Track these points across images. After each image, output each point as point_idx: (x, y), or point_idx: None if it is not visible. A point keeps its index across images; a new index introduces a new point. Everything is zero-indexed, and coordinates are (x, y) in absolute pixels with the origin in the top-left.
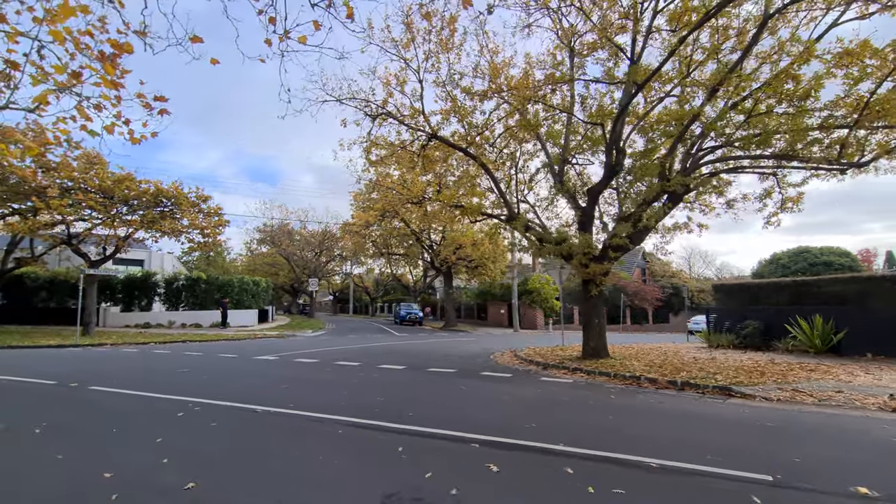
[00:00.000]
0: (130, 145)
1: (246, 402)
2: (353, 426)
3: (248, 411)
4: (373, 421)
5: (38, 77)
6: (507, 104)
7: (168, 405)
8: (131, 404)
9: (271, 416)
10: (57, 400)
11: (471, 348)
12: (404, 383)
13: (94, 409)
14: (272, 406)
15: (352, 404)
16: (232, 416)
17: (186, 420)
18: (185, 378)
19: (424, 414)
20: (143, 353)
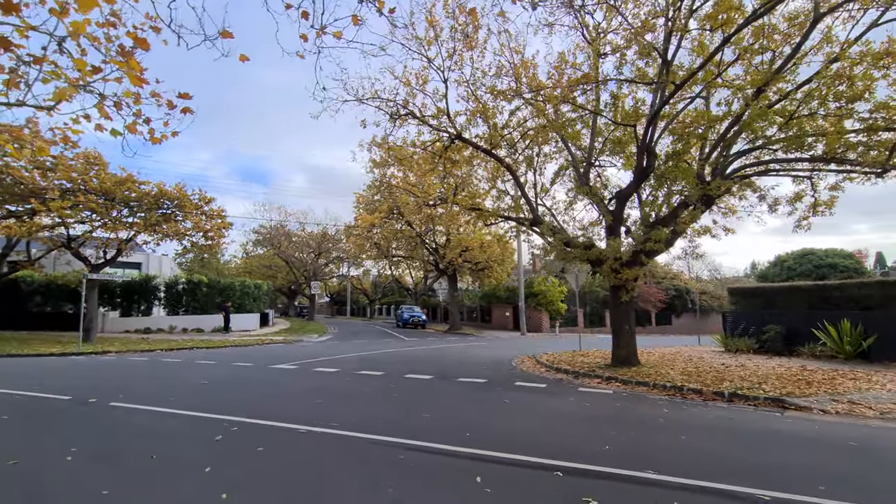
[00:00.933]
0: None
1: (285, 421)
2: (414, 450)
3: (291, 432)
4: (432, 444)
5: (49, 75)
6: (531, 105)
7: (202, 425)
8: (162, 424)
9: (318, 437)
10: (78, 419)
11: (488, 354)
12: (442, 396)
13: (124, 430)
14: (314, 425)
15: (399, 422)
16: (276, 438)
17: (228, 444)
18: (208, 392)
19: (485, 434)
20: (152, 362)
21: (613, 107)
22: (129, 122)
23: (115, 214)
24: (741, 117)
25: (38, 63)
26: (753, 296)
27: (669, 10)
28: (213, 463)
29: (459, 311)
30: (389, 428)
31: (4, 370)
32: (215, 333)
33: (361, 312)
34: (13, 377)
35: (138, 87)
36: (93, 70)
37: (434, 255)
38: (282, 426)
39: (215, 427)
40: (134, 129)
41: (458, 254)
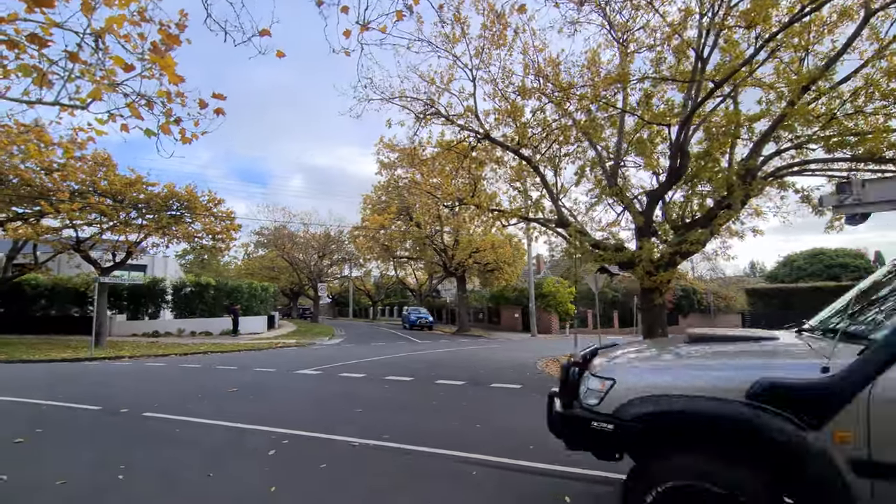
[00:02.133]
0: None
1: (333, 433)
2: (483, 465)
3: (344, 444)
4: (500, 458)
5: (82, 73)
6: (555, 104)
7: (249, 438)
8: (207, 437)
9: (373, 451)
10: (115, 432)
11: (507, 356)
12: (482, 403)
13: (168, 444)
14: (365, 437)
15: (453, 434)
16: (333, 452)
17: (284, 458)
18: (241, 400)
19: (551, 447)
20: (171, 367)
21: (646, 106)
22: (162, 122)
23: (124, 217)
24: (784, 116)
25: (75, 60)
26: (773, 297)
27: (706, 6)
28: (277, 482)
29: (467, 313)
30: (446, 440)
31: (20, 377)
32: (224, 336)
33: (364, 314)
34: (32, 385)
35: (172, 86)
36: (125, 68)
37: (443, 255)
38: (333, 438)
39: (264, 440)
40: (168, 128)
41: (468, 255)
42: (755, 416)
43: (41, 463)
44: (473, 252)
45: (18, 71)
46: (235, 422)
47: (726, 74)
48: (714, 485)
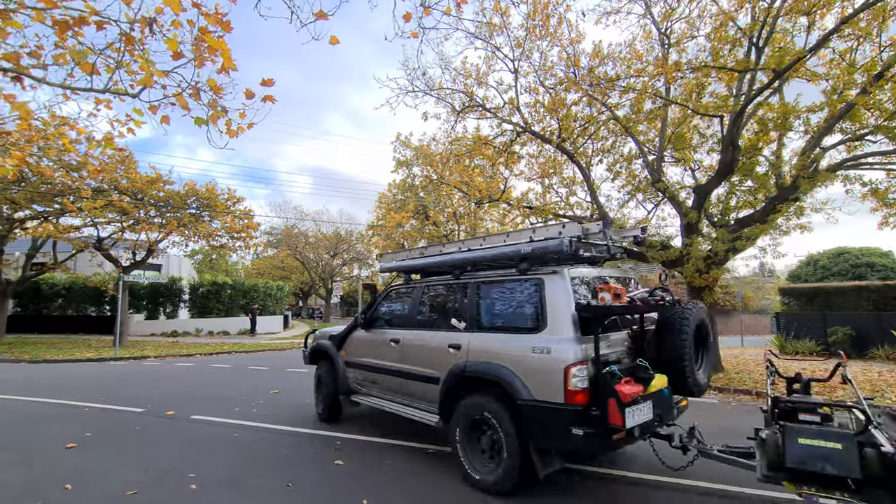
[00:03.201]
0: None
1: (392, 436)
2: (594, 478)
3: (410, 451)
4: (602, 469)
5: (135, 59)
6: (591, 97)
7: (308, 443)
8: (269, 443)
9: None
10: (170, 436)
11: None
12: None
13: (231, 450)
14: (432, 442)
15: None
16: (400, 459)
17: (356, 469)
18: (285, 402)
19: (652, 457)
20: (201, 368)
21: (698, 97)
22: (211, 113)
23: (142, 214)
24: (853, 106)
25: (130, 43)
26: (809, 297)
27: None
28: (367, 495)
29: None
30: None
31: (49, 377)
32: (242, 336)
33: None
34: (64, 386)
35: (221, 75)
36: (175, 55)
37: None
38: (397, 444)
39: (324, 445)
40: (216, 119)
41: None
42: None
43: (102, 471)
44: None
45: (72, 55)
46: (288, 426)
47: (790, 62)
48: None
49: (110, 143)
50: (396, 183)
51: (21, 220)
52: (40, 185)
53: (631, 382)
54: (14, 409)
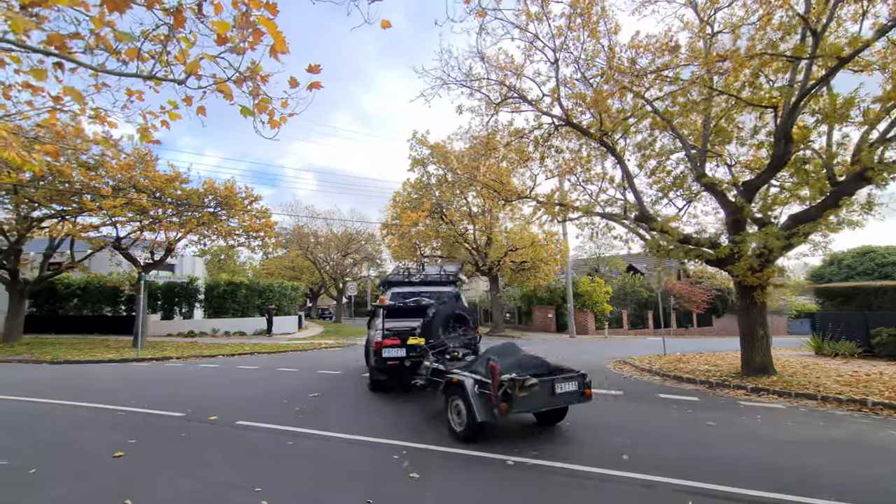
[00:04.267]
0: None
1: (459, 447)
2: (685, 492)
3: (486, 462)
4: (688, 482)
5: (183, 42)
6: (627, 89)
7: (371, 452)
8: (328, 451)
9: (531, 470)
10: (219, 444)
11: (571, 359)
12: (605, 413)
13: (292, 460)
14: (519, 455)
15: (608, 456)
16: (480, 473)
17: (438, 482)
18: (331, 406)
19: (732, 469)
20: (228, 369)
21: (751, 87)
22: (258, 101)
23: (159, 213)
24: None
25: (179, 24)
26: (846, 297)
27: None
28: None
29: (501, 313)
30: (604, 460)
31: (73, 378)
32: (259, 337)
33: None
34: (93, 388)
35: (276, 60)
36: (219, 39)
37: (475, 254)
38: (466, 454)
39: (387, 454)
40: (264, 107)
41: (504, 253)
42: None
43: (159, 482)
44: (510, 250)
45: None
46: (341, 432)
47: (855, 49)
48: None
49: (146, 135)
50: (411, 182)
51: (39, 220)
52: (59, 183)
53: (393, 339)
54: (47, 413)
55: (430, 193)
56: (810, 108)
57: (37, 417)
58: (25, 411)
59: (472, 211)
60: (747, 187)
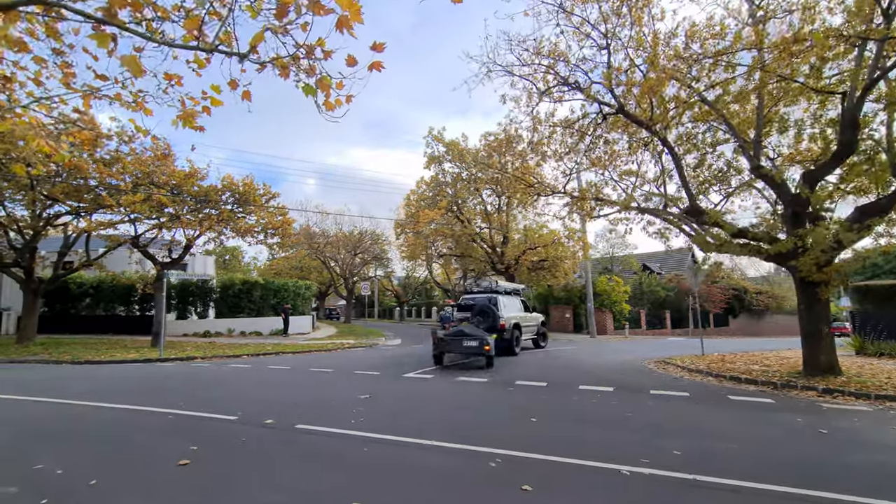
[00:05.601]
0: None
1: (543, 451)
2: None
3: (605, 472)
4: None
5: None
6: (675, 78)
7: (464, 460)
8: (413, 460)
9: (649, 481)
10: (286, 450)
11: (604, 359)
12: (677, 417)
13: (379, 470)
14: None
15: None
16: (590, 483)
17: (553, 498)
18: (388, 408)
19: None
20: (261, 369)
21: (817, 73)
22: (320, 77)
23: (186, 209)
24: None
25: None
26: (886, 295)
27: None
28: None
29: None
30: (678, 462)
31: (100, 379)
32: (275, 337)
33: (388, 314)
34: (125, 389)
35: (346, 31)
36: (279, 12)
37: (492, 253)
38: (579, 464)
39: (481, 462)
40: (326, 85)
41: (522, 252)
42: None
43: (238, 495)
44: (528, 249)
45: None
46: (425, 438)
47: None
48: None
49: (189, 120)
50: (426, 180)
51: (56, 216)
52: (76, 179)
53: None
54: (88, 417)
55: (444, 191)
56: (879, 92)
57: (79, 421)
58: (63, 415)
59: (487, 209)
60: (809, 178)
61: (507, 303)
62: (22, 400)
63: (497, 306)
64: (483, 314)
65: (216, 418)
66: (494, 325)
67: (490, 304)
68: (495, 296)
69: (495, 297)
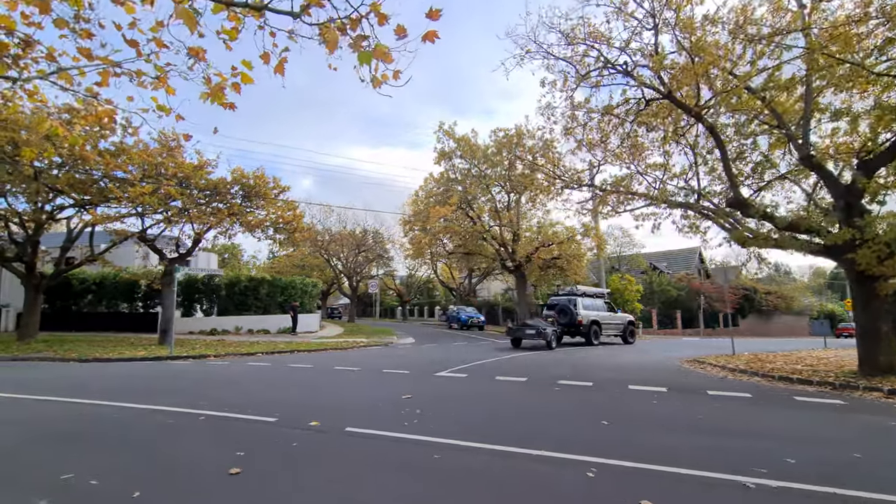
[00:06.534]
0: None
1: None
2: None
3: (727, 484)
4: None
5: None
6: (715, 66)
7: (554, 469)
8: (488, 468)
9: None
10: (343, 456)
11: (630, 359)
12: (748, 419)
13: (452, 480)
14: (751, 476)
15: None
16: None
17: None
18: (437, 410)
19: None
20: (281, 368)
21: (879, 54)
22: (375, 46)
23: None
24: None
25: None
26: None
27: None
28: None
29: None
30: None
31: (114, 377)
32: (284, 335)
33: (390, 314)
34: (144, 388)
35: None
36: None
37: (502, 250)
38: (693, 475)
39: (575, 472)
40: (382, 52)
41: (535, 249)
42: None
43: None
44: (541, 246)
45: None
46: (495, 443)
47: None
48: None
49: (219, 95)
50: (434, 176)
51: (59, 209)
52: (81, 169)
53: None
54: (111, 417)
55: (454, 188)
56: None
57: (101, 423)
58: (82, 416)
59: (497, 206)
60: (866, 168)
61: (588, 304)
62: (35, 400)
63: (576, 306)
64: (563, 312)
65: (253, 420)
66: (572, 321)
67: (569, 304)
68: (575, 297)
69: (575, 299)
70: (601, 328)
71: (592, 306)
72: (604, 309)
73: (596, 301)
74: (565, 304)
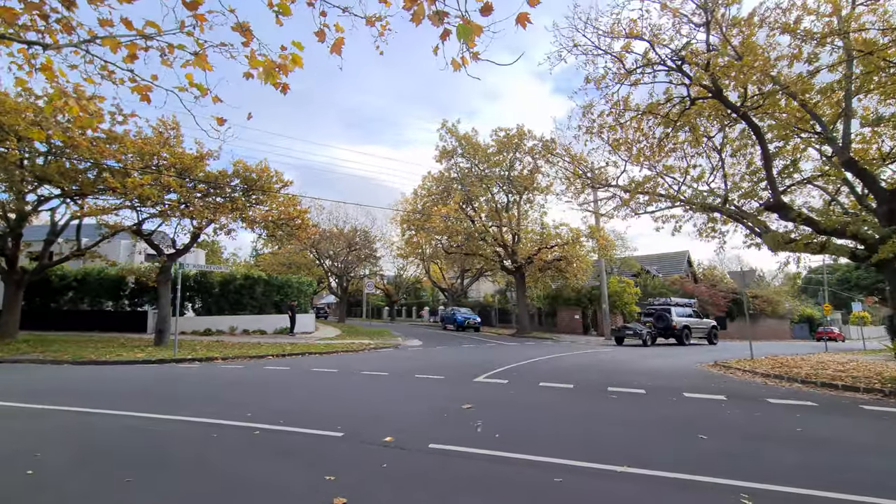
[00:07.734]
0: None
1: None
2: None
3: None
4: None
5: None
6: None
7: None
8: (618, 494)
9: None
10: (451, 479)
11: (651, 364)
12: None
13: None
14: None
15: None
16: None
17: None
18: (513, 421)
19: None
20: (301, 373)
21: None
22: (462, 21)
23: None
24: None
25: None
26: None
27: None
28: None
29: (528, 314)
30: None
31: (121, 382)
32: (283, 336)
33: (377, 314)
34: (163, 394)
35: None
36: None
37: (503, 251)
38: (820, 497)
39: (722, 499)
40: (479, 27)
41: (537, 250)
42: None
43: None
44: (543, 247)
45: None
46: (612, 463)
47: None
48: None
49: (273, 75)
50: (433, 175)
51: (45, 199)
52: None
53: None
54: (150, 431)
55: (453, 187)
56: None
57: (143, 438)
58: (113, 429)
59: (497, 206)
60: None
61: (680, 311)
62: (44, 409)
63: (671, 313)
64: (660, 318)
65: (317, 434)
66: (668, 325)
67: (665, 312)
68: (669, 306)
69: (670, 308)
70: (691, 332)
71: (683, 314)
72: (693, 316)
73: (685, 309)
74: (662, 312)
